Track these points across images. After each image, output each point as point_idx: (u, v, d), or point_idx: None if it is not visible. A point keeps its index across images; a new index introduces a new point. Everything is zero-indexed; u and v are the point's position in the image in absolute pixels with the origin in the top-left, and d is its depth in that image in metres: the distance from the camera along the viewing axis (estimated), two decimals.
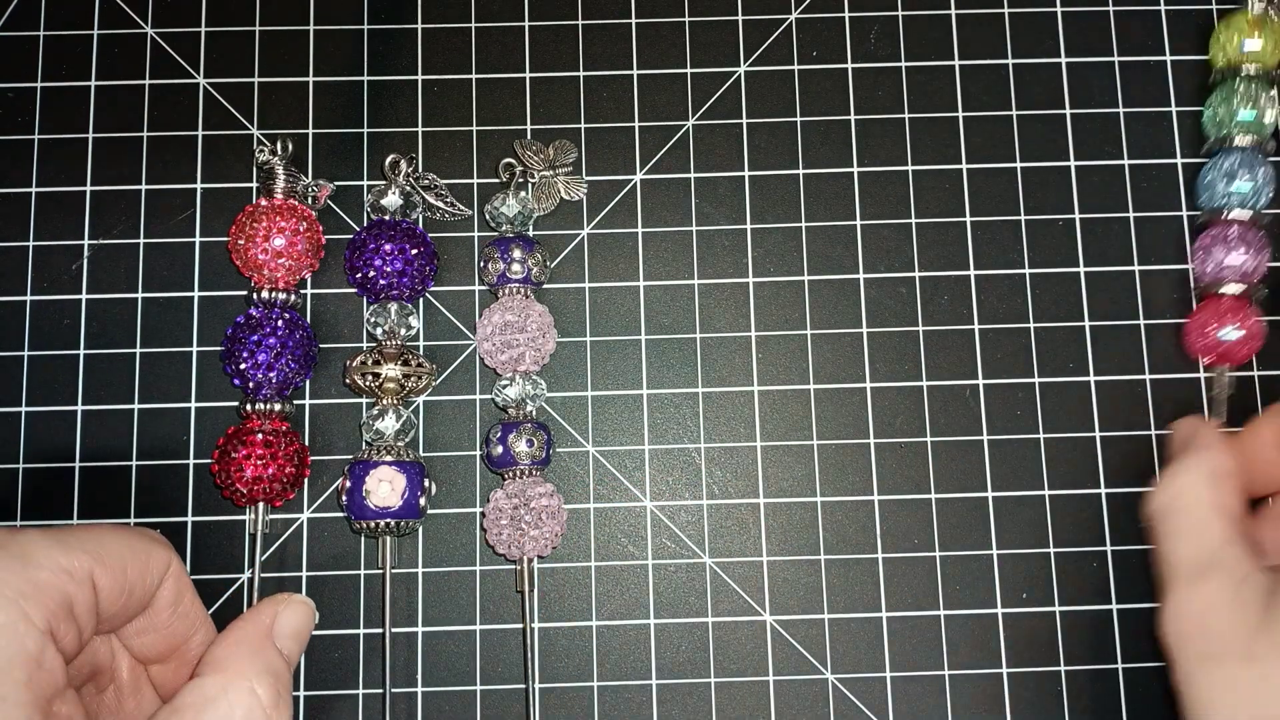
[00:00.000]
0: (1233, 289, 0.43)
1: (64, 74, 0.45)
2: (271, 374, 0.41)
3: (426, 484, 0.41)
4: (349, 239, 0.44)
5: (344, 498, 0.40)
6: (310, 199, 0.43)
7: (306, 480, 0.42)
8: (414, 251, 0.41)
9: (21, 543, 0.29)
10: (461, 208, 0.43)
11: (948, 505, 0.42)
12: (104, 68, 0.45)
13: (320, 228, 0.43)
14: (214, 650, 0.33)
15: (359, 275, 0.42)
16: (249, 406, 0.41)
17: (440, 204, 0.43)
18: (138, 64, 0.45)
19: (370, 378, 0.41)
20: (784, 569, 0.42)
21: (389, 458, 0.40)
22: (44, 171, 0.44)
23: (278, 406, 0.41)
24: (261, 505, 0.41)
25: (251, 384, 0.41)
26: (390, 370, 0.41)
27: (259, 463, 0.40)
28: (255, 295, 0.42)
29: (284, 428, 0.41)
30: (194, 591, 0.35)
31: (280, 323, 0.41)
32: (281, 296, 0.42)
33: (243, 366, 0.41)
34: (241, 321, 0.41)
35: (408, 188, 0.43)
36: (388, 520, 0.40)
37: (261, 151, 0.43)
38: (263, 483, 0.40)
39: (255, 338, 0.41)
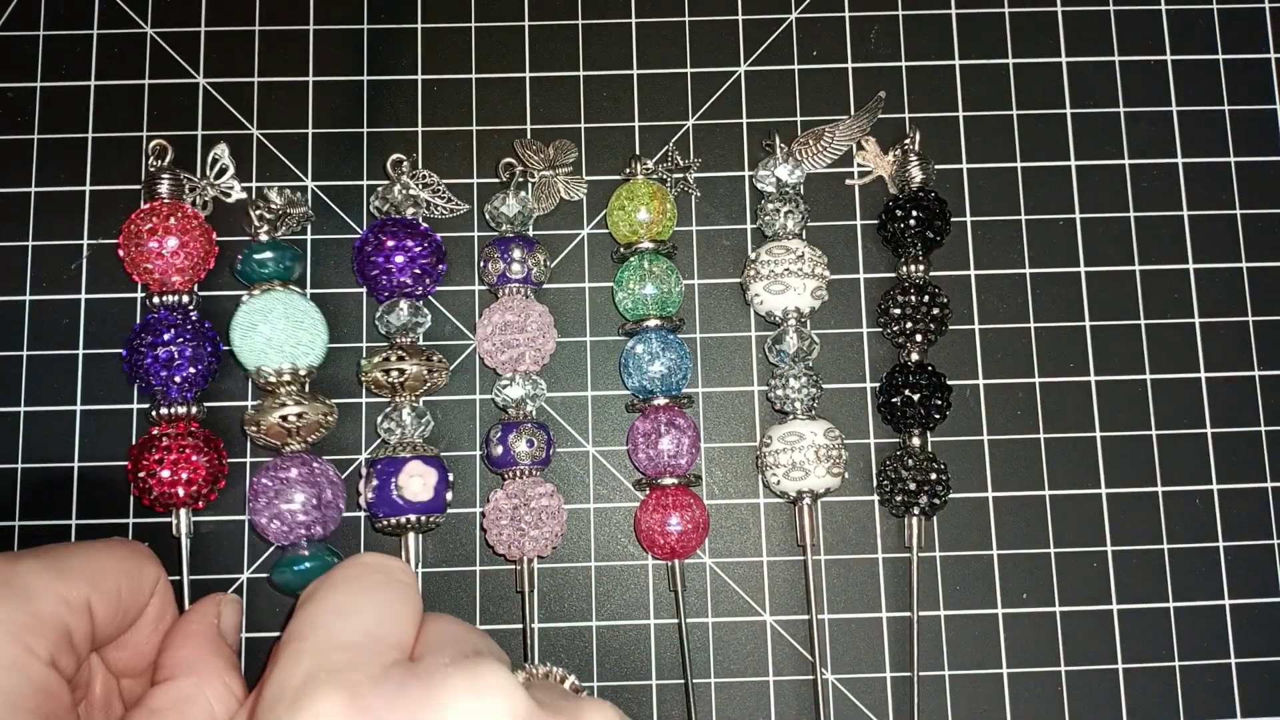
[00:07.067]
0: (669, 480, 0.41)
1: (64, 74, 0.45)
2: (177, 376, 0.40)
3: (451, 478, 0.41)
4: (353, 239, 0.44)
5: (371, 495, 0.40)
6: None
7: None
8: (424, 248, 0.41)
9: (22, 575, 0.30)
10: (459, 202, 0.43)
11: (948, 505, 0.42)
12: (104, 68, 0.45)
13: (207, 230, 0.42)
14: (176, 653, 0.33)
15: (371, 274, 0.41)
16: (158, 411, 0.41)
17: (437, 200, 0.43)
18: (138, 64, 0.45)
19: (394, 373, 0.41)
20: (784, 569, 0.42)
21: (408, 454, 0.40)
22: (44, 171, 0.44)
23: (183, 409, 0.41)
24: (184, 511, 0.40)
25: (159, 387, 0.40)
26: (414, 367, 0.41)
27: (174, 469, 0.39)
28: (156, 299, 0.41)
29: (193, 429, 0.41)
30: (175, 608, 0.35)
31: (187, 322, 0.41)
32: (185, 299, 0.42)
33: (152, 383, 0.40)
34: (150, 320, 0.41)
35: (413, 187, 0.43)
36: (413, 516, 0.40)
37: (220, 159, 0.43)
38: (178, 486, 0.40)
39: (161, 338, 0.40)
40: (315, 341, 0.41)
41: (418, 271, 0.41)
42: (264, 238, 0.42)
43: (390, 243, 0.41)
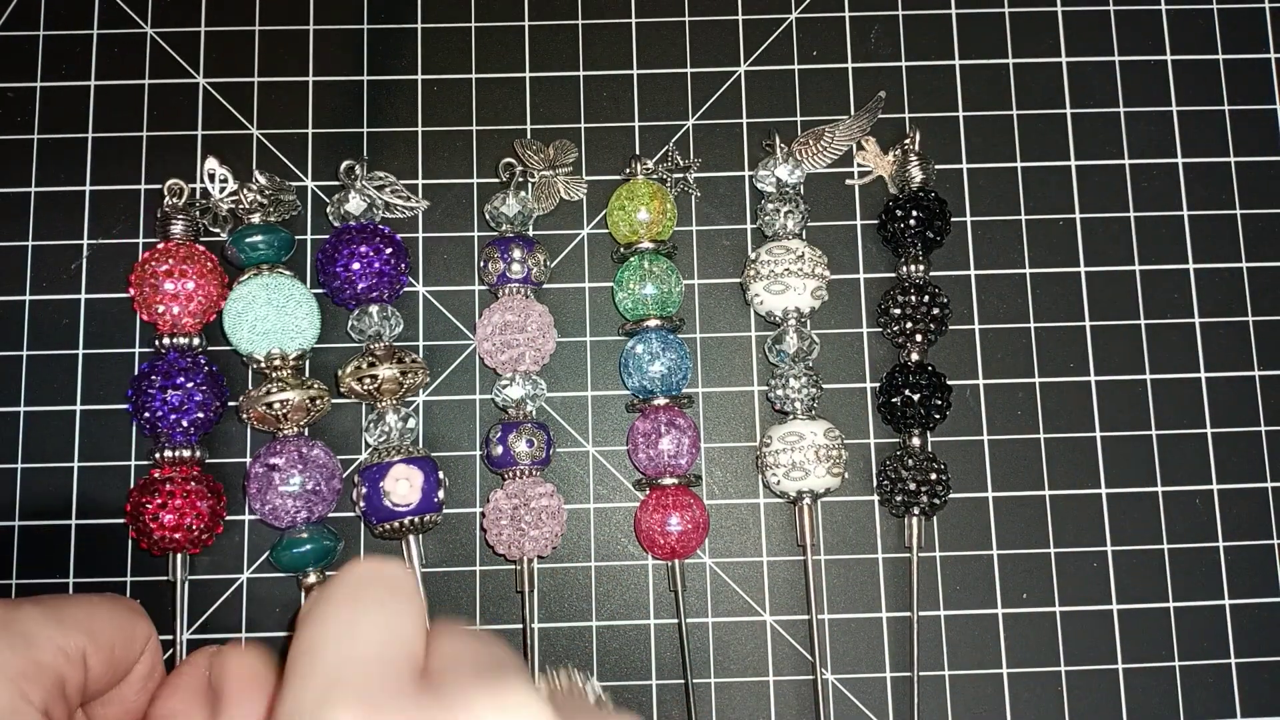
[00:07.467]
0: (669, 480, 0.41)
1: (64, 74, 0.45)
2: (184, 420, 0.40)
3: (441, 477, 0.41)
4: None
5: (361, 504, 0.40)
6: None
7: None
8: (388, 251, 0.41)
9: (22, 621, 0.30)
10: (417, 199, 0.43)
11: (948, 505, 0.42)
12: (104, 68, 0.45)
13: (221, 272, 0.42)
14: (164, 704, 0.34)
15: (335, 284, 0.41)
16: (161, 454, 0.40)
17: (396, 200, 0.43)
18: (138, 64, 0.45)
19: (368, 380, 0.41)
20: (784, 569, 0.42)
21: (398, 457, 0.40)
22: (44, 171, 0.44)
23: (188, 453, 0.40)
24: (180, 555, 0.40)
25: (164, 429, 0.40)
26: (387, 371, 0.41)
27: (175, 514, 0.39)
28: (167, 340, 0.41)
29: (195, 473, 0.40)
30: (163, 666, 0.35)
31: (198, 367, 0.41)
32: (196, 341, 0.41)
33: (157, 413, 0.40)
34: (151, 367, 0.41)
35: (367, 191, 0.42)
36: (409, 519, 0.40)
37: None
38: (179, 532, 0.39)
39: (173, 380, 0.40)
40: (302, 325, 0.41)
41: (384, 274, 0.41)
42: (257, 220, 0.42)
43: (348, 251, 0.41)
